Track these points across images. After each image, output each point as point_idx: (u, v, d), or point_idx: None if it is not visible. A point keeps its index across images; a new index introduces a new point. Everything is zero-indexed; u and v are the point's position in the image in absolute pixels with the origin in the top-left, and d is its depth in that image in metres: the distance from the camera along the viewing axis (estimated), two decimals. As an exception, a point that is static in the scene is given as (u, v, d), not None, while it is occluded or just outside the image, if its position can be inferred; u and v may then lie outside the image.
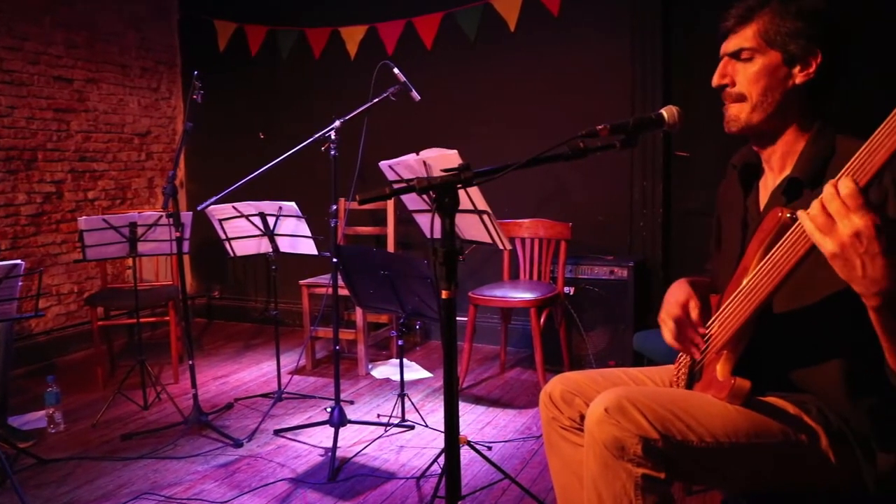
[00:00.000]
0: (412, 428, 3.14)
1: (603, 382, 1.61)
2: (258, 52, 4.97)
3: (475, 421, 3.24)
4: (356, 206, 2.95)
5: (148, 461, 2.87)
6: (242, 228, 3.33)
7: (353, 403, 3.50)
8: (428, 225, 2.75)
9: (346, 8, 4.69)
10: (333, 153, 2.80)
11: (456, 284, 1.35)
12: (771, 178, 1.50)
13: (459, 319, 3.75)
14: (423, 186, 1.31)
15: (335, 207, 2.86)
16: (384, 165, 2.75)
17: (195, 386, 3.16)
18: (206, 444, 3.04)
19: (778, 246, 1.24)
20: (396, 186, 1.35)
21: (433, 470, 2.70)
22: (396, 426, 3.15)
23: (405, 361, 4.00)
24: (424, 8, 4.40)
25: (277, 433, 3.13)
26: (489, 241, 2.67)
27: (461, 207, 1.46)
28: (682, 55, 3.93)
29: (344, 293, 3.21)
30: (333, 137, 2.79)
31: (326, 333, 4.08)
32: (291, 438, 3.08)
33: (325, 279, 4.04)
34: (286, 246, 3.38)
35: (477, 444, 2.84)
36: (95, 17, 4.66)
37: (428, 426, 3.15)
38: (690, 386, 1.53)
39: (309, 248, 3.30)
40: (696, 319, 1.51)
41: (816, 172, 1.36)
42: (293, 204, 3.21)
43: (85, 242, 3.25)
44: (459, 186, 1.33)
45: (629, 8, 3.95)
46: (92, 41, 4.64)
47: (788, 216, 1.27)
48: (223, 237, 3.34)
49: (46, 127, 4.36)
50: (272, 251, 3.39)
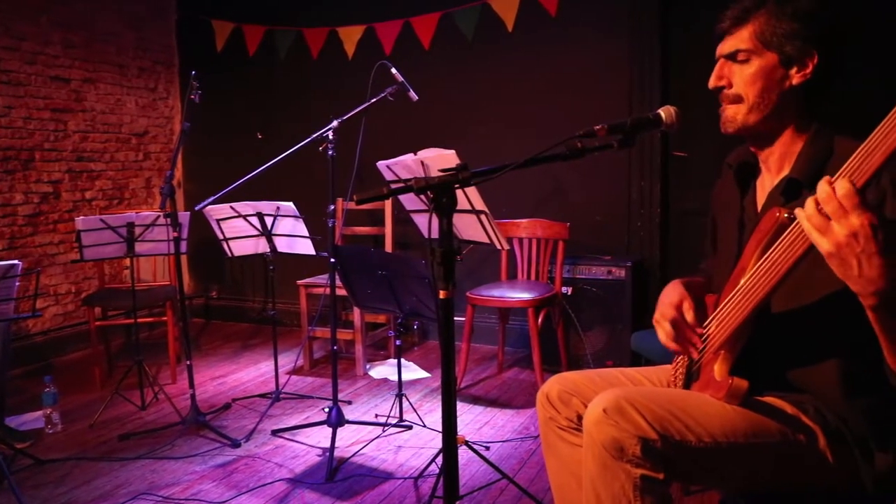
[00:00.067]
0: (410, 428, 3.14)
1: (600, 382, 1.62)
2: (256, 52, 4.97)
3: (473, 421, 3.24)
4: (354, 206, 2.95)
5: (145, 461, 2.87)
6: (240, 228, 3.33)
7: (350, 403, 3.50)
8: (426, 225, 2.75)
9: (343, 8, 4.69)
10: (331, 153, 2.80)
11: (454, 284, 1.35)
12: (768, 178, 1.50)
13: (457, 319, 3.75)
14: (420, 186, 1.31)
15: (333, 207, 2.86)
16: (382, 165, 2.75)
17: (193, 386, 3.16)
18: (203, 444, 3.04)
19: (776, 246, 1.24)
20: (394, 186, 1.35)
21: (431, 470, 2.70)
22: (394, 426, 3.15)
23: (403, 361, 4.00)
24: (422, 8, 4.40)
25: (275, 433, 3.13)
26: (487, 241, 2.67)
27: (459, 207, 1.46)
28: (680, 55, 3.93)
29: (342, 293, 3.21)
30: (331, 137, 2.79)
31: (324, 333, 4.08)
32: (289, 438, 3.08)
33: (322, 279, 4.04)
34: (284, 246, 3.38)
35: (475, 444, 2.84)
36: (93, 16, 4.65)
37: (426, 426, 3.15)
38: (688, 386, 1.53)
39: (306, 248, 3.30)
40: (691, 320, 1.52)
41: (815, 173, 1.36)
42: (291, 204, 3.21)
43: (82, 242, 3.25)
44: (457, 186, 1.33)
45: (627, 8, 3.95)
46: (89, 41, 4.63)
47: (786, 216, 1.27)
48: (221, 237, 3.34)
49: (44, 127, 4.35)
50: (270, 251, 3.39)
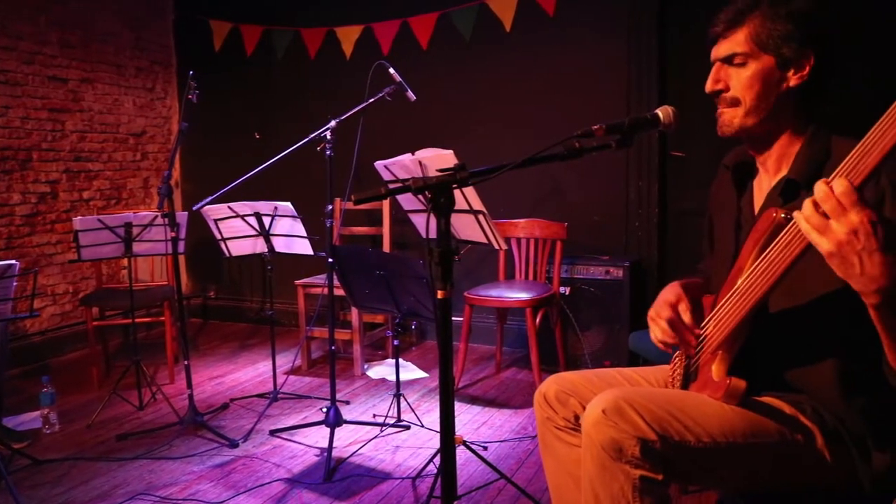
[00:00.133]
0: (408, 428, 3.14)
1: (598, 382, 1.62)
2: (254, 51, 4.96)
3: (471, 421, 3.24)
4: (352, 206, 2.95)
5: (143, 462, 2.86)
6: (238, 228, 3.32)
7: (348, 403, 3.50)
8: (423, 225, 2.74)
9: (341, 8, 4.69)
10: (329, 153, 2.80)
11: (452, 284, 1.35)
12: (766, 179, 1.50)
13: (455, 319, 3.75)
14: (418, 186, 1.31)
15: (331, 207, 2.86)
16: (380, 165, 2.75)
17: (191, 386, 3.15)
18: (201, 444, 3.03)
19: (773, 246, 1.25)
20: (392, 186, 1.35)
21: (429, 470, 2.70)
22: (392, 426, 3.15)
23: (401, 361, 4.00)
24: (420, 8, 4.39)
25: (273, 433, 3.13)
26: (485, 241, 2.67)
27: (457, 207, 1.46)
28: (677, 55, 3.93)
29: (340, 293, 3.21)
30: (329, 137, 2.79)
31: (322, 333, 4.08)
32: (287, 439, 3.08)
33: (320, 279, 4.04)
34: (282, 246, 3.37)
35: (473, 444, 2.84)
36: (90, 16, 4.64)
37: (424, 426, 3.15)
38: (686, 386, 1.54)
39: (304, 248, 3.30)
40: (687, 320, 1.51)
41: (812, 174, 1.36)
42: (289, 204, 3.21)
43: (80, 242, 3.24)
44: (455, 186, 1.33)
45: (625, 8, 3.95)
46: (87, 41, 4.62)
47: (783, 216, 1.27)
48: (219, 237, 3.33)
49: (41, 127, 4.34)
50: (268, 251, 3.38)
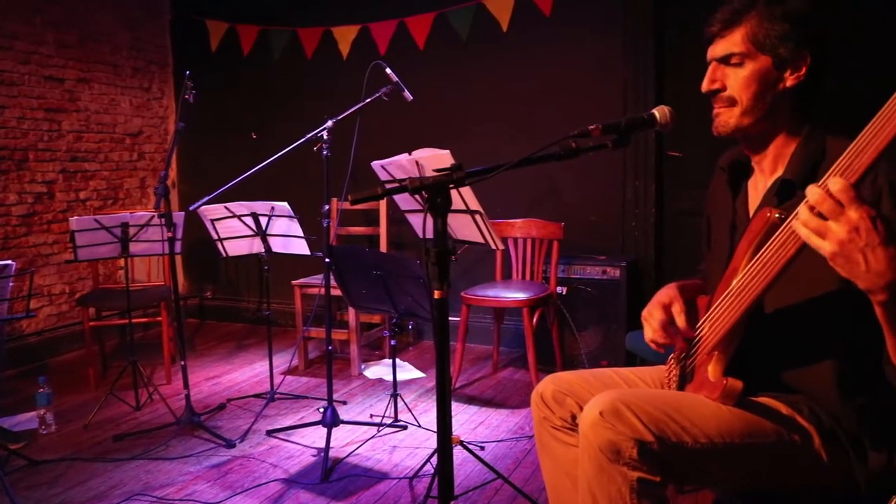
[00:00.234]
0: (405, 428, 3.14)
1: (595, 383, 1.62)
2: (250, 51, 4.96)
3: (468, 421, 3.24)
4: (348, 206, 2.95)
5: (140, 462, 2.86)
6: (235, 229, 3.32)
7: (345, 404, 3.50)
8: (420, 225, 2.75)
9: (338, 8, 4.68)
10: (326, 153, 2.80)
11: (448, 284, 1.36)
12: (762, 179, 1.50)
13: (452, 319, 3.74)
14: (415, 186, 1.31)
15: (327, 207, 2.86)
16: (376, 165, 2.75)
17: (187, 386, 3.15)
18: (198, 444, 3.03)
19: (767, 246, 1.24)
20: (389, 186, 1.35)
21: (426, 470, 2.70)
22: (389, 426, 3.15)
23: (398, 361, 4.00)
24: (417, 8, 4.39)
25: (270, 434, 3.12)
26: (481, 241, 2.67)
27: (453, 207, 1.46)
28: (674, 55, 3.94)
29: (336, 293, 3.21)
30: (326, 137, 2.78)
31: (319, 334, 4.08)
32: (284, 439, 3.08)
33: (317, 279, 4.03)
34: (278, 246, 3.37)
35: (470, 443, 2.84)
36: (87, 16, 4.63)
37: (421, 426, 3.15)
38: (682, 387, 1.54)
39: (301, 248, 3.30)
40: (679, 321, 1.51)
41: (808, 174, 1.36)
42: (285, 204, 3.21)
43: (76, 243, 3.23)
44: (452, 186, 1.33)
45: (621, 8, 3.95)
46: (83, 41, 4.61)
47: (777, 216, 1.26)
48: (215, 237, 3.33)
49: (37, 127, 4.33)
50: (264, 251, 3.38)
